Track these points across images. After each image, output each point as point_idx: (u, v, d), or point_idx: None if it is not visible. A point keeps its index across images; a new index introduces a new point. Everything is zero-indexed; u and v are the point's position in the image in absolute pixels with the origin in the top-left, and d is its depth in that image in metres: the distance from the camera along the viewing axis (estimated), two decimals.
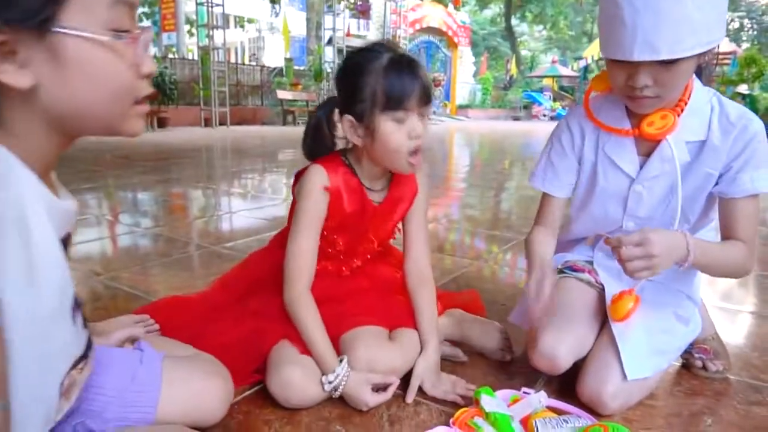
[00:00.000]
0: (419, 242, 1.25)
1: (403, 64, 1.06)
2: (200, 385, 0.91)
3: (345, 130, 1.11)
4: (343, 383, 1.03)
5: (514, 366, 1.24)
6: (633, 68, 0.94)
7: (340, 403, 1.06)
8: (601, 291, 1.17)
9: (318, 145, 1.17)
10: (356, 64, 1.08)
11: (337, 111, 1.13)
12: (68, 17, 0.53)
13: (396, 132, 1.06)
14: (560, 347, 1.05)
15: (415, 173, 1.17)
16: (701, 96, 1.04)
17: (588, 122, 1.13)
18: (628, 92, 0.99)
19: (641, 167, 1.09)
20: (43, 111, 0.56)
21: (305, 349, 1.08)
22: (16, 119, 0.55)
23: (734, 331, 1.51)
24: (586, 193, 1.18)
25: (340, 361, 1.06)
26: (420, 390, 1.10)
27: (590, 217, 1.19)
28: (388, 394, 1.06)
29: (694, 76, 1.04)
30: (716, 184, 1.05)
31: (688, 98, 1.03)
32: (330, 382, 1.03)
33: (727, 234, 1.05)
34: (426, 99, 1.08)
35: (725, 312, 1.64)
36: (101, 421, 0.80)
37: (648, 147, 1.08)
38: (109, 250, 2.26)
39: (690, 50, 0.90)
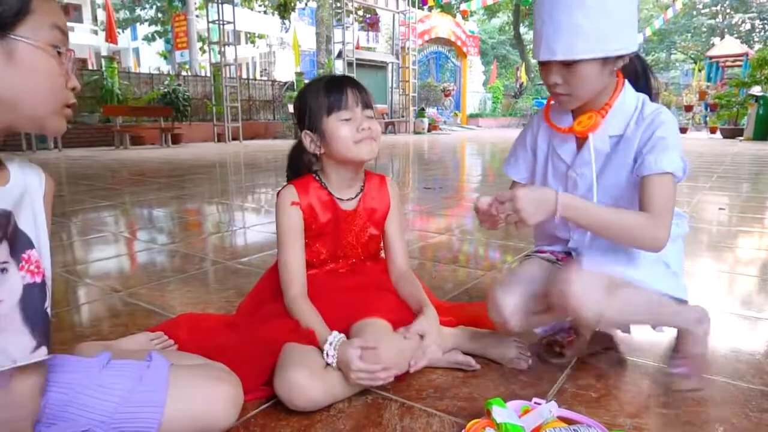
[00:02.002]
0: (397, 247, 1.43)
1: (338, 77, 1.28)
2: (207, 390, 0.94)
3: (307, 144, 1.29)
4: (336, 348, 1.11)
5: (524, 377, 1.25)
6: (547, 69, 1.13)
7: (354, 415, 1.08)
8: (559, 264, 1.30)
9: (296, 170, 1.38)
10: (303, 90, 1.31)
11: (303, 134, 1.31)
12: (23, 30, 0.72)
13: (343, 128, 1.24)
14: (507, 299, 1.21)
15: (369, 158, 1.31)
16: (629, 99, 1.18)
17: (544, 119, 1.29)
18: (549, 90, 1.16)
19: (576, 157, 1.25)
20: None
21: (311, 339, 1.15)
22: None
23: (749, 338, 1.50)
24: (543, 180, 1.32)
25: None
26: (432, 401, 1.12)
27: None
28: (375, 368, 1.08)
29: (627, 84, 1.19)
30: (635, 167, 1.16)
31: (614, 102, 1.17)
32: (330, 343, 1.12)
33: (644, 208, 1.12)
34: (364, 102, 1.26)
35: (743, 319, 1.63)
36: (108, 429, 0.83)
37: (583, 141, 1.23)
38: (126, 266, 2.31)
39: (582, 54, 1.06)
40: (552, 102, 1.27)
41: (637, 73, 1.23)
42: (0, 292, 0.73)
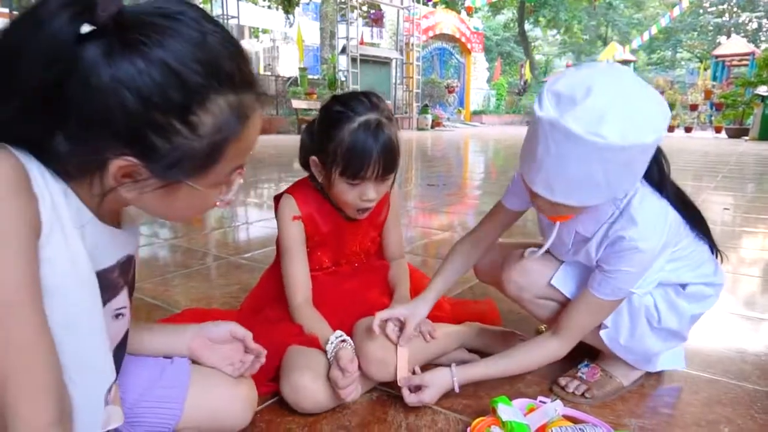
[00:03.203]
0: (393, 241, 1.46)
1: (369, 134, 1.13)
2: (227, 392, 0.94)
3: (312, 168, 1.23)
4: (339, 347, 1.09)
5: (530, 375, 1.25)
6: (533, 192, 0.96)
7: (359, 412, 1.09)
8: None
9: (306, 158, 1.28)
10: (336, 113, 1.16)
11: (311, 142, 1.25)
12: (199, 178, 0.64)
13: (348, 192, 1.19)
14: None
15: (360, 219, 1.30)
16: (606, 206, 1.02)
17: None
18: (533, 203, 1.02)
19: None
20: (128, 201, 0.65)
21: (315, 343, 1.14)
22: (94, 190, 0.62)
23: (754, 339, 1.49)
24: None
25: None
26: (438, 399, 1.12)
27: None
28: (343, 383, 1.04)
29: None
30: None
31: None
32: (332, 343, 1.11)
33: (564, 318, 1.10)
34: (384, 172, 1.16)
35: (748, 320, 1.63)
36: (126, 420, 0.83)
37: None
38: None
39: (584, 203, 0.92)
40: None
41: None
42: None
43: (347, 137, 1.13)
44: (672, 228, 1.03)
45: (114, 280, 0.70)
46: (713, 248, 1.15)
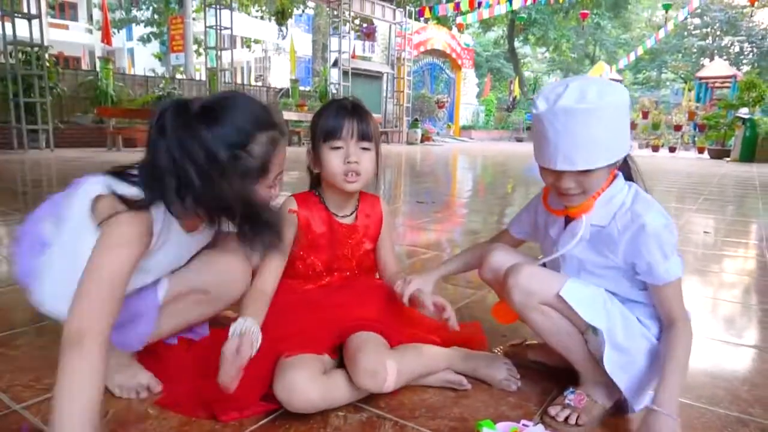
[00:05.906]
0: (389, 257, 1.55)
1: (343, 106, 1.35)
2: (232, 258, 1.27)
3: (309, 161, 1.41)
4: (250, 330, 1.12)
5: (513, 398, 1.29)
6: (558, 174, 1.14)
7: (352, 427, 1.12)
8: None
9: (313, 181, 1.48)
10: (319, 110, 1.40)
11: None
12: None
13: (333, 158, 1.33)
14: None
15: (352, 192, 1.41)
16: (618, 190, 1.20)
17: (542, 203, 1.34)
18: (558, 191, 1.19)
19: (561, 236, 1.28)
20: None
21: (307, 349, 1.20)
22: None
23: (728, 364, 1.55)
24: (543, 248, 1.38)
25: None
26: (424, 420, 1.16)
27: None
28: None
29: (619, 176, 1.22)
30: (637, 274, 1.19)
31: (607, 187, 1.19)
32: (240, 325, 1.13)
33: (665, 313, 1.19)
34: (360, 134, 1.33)
35: (724, 344, 1.69)
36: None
37: (569, 223, 1.26)
38: None
39: (602, 163, 1.11)
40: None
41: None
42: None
43: (326, 111, 1.36)
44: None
45: None
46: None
